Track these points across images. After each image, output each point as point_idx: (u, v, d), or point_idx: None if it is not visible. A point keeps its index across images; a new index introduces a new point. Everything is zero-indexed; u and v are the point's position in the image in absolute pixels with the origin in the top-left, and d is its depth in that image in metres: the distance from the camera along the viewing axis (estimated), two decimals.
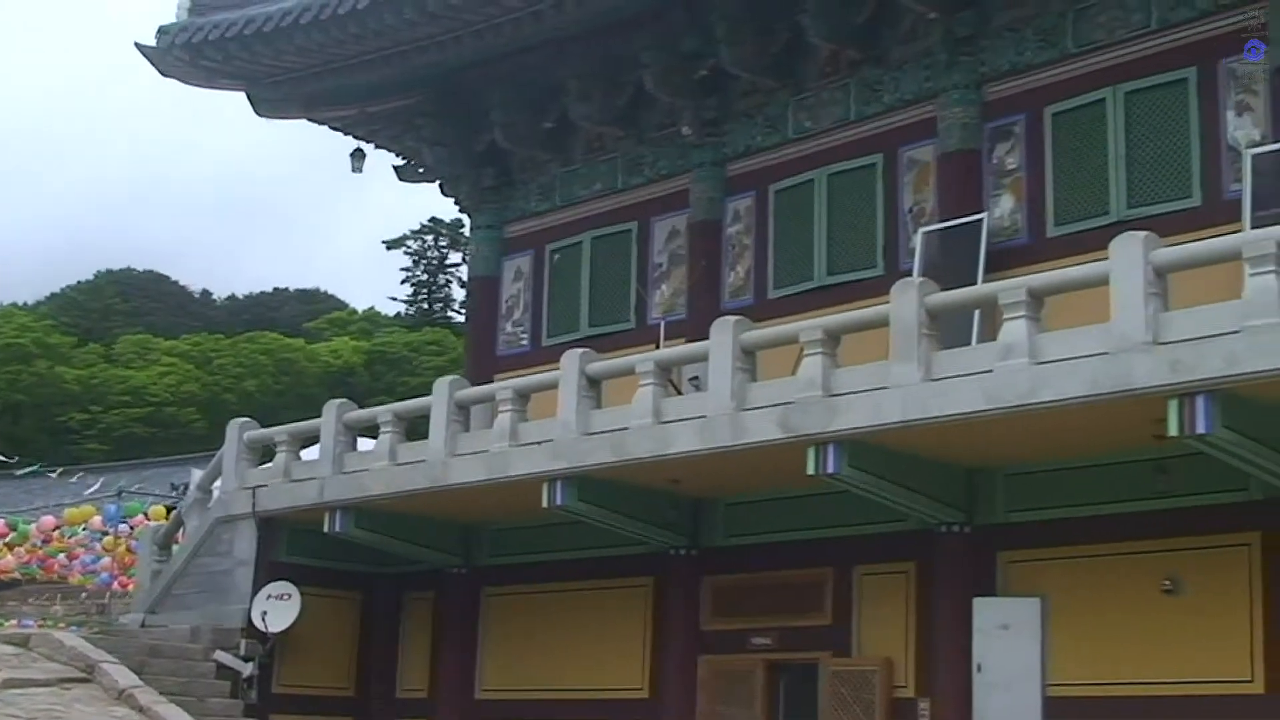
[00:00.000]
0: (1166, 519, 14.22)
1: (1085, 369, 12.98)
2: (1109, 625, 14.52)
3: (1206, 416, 12.33)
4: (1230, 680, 13.65)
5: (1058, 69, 17.04)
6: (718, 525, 17.96)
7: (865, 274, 18.07)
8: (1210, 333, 12.39)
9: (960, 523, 15.59)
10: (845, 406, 14.55)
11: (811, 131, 19.15)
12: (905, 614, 16.09)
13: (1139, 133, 16.21)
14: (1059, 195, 16.76)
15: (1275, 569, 13.55)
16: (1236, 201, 14.99)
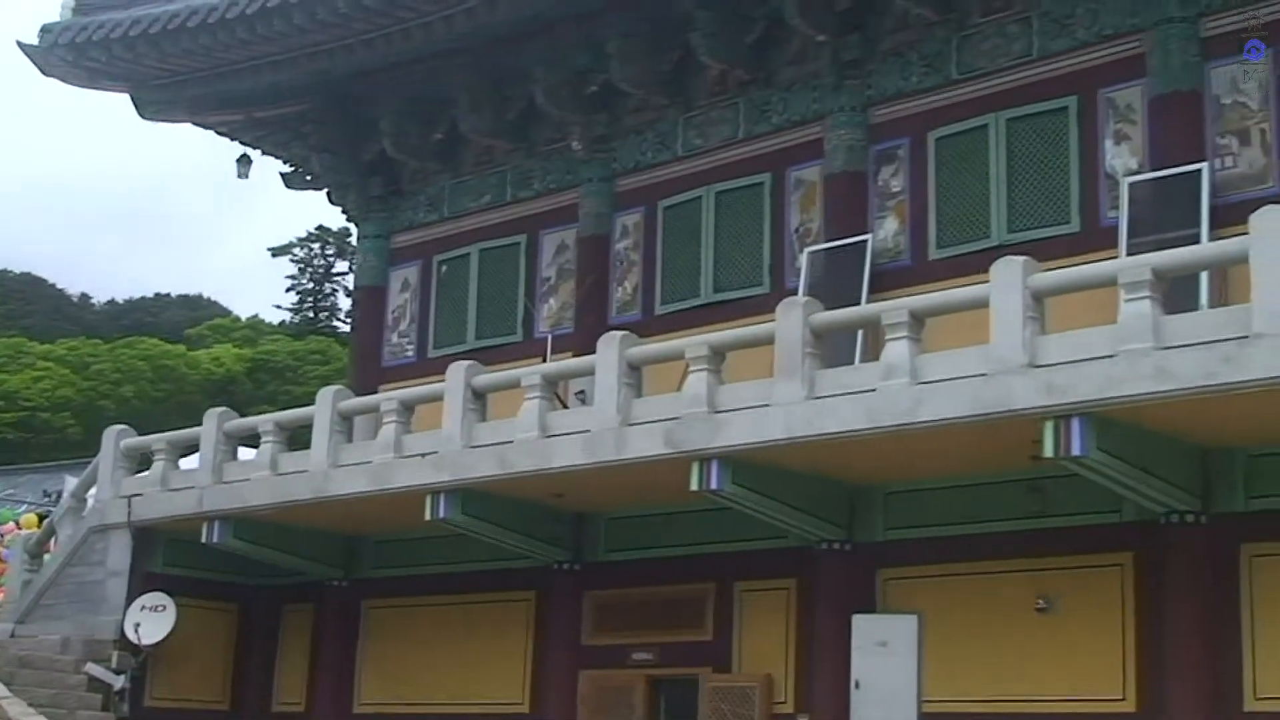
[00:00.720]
0: (1041, 539, 14.48)
1: (965, 390, 13.18)
2: (984, 643, 14.74)
3: (1081, 438, 12.57)
4: (1103, 699, 13.92)
5: (942, 94, 17.32)
6: (600, 540, 18.01)
7: (751, 292, 18.23)
8: (1086, 356, 12.64)
9: (841, 540, 15.76)
10: (729, 423, 14.66)
11: (701, 149, 19.31)
12: (785, 630, 16.23)
13: (1020, 159, 16.52)
14: (942, 218, 17.03)
15: (1147, 589, 13.84)
16: (1113, 228, 15.34)
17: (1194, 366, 11.99)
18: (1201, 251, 13.67)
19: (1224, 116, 15.27)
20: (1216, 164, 15.09)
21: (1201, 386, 11.96)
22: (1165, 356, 12.17)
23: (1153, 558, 13.75)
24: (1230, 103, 15.27)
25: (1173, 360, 12.11)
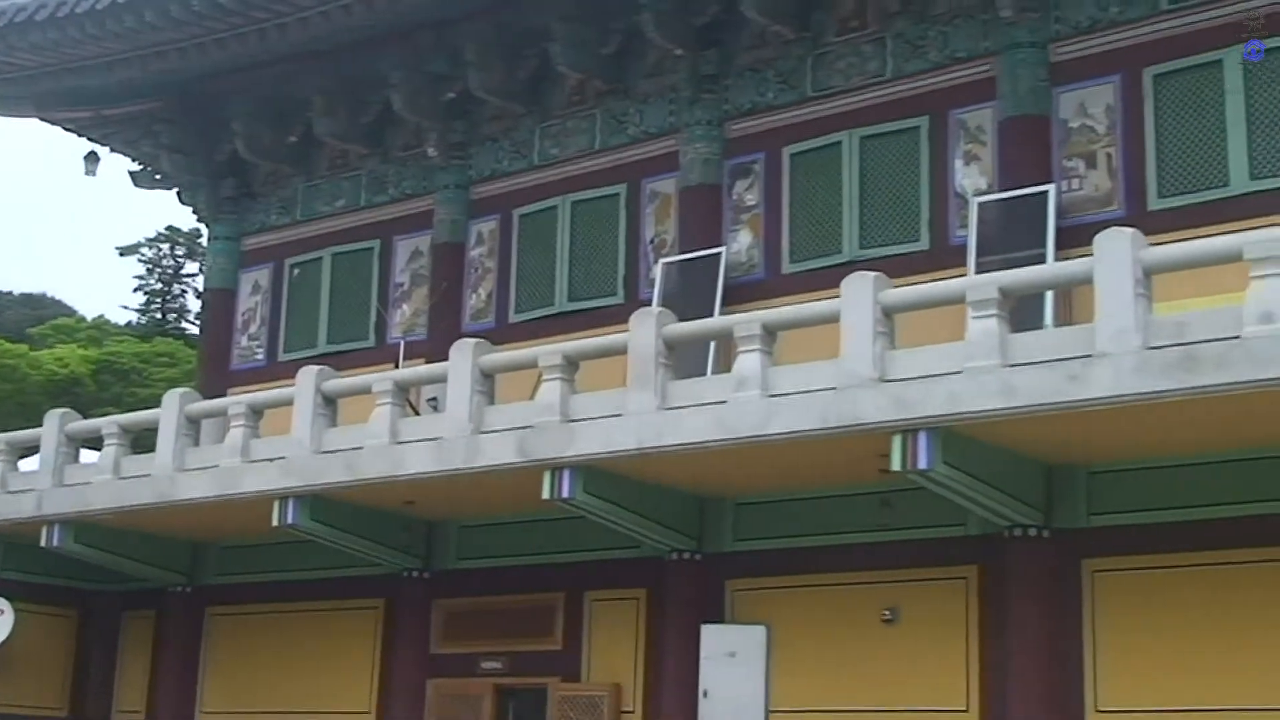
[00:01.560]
0: (889, 551, 14.69)
1: (815, 403, 13.31)
2: (831, 653, 14.92)
3: (928, 453, 12.76)
4: (946, 709, 14.16)
5: (797, 111, 17.52)
6: (451, 548, 17.92)
7: (606, 302, 18.29)
8: (934, 372, 12.82)
9: (691, 550, 15.84)
10: (582, 432, 14.66)
11: (557, 159, 19.32)
12: (635, 640, 16.28)
13: (872, 176, 16.77)
14: (795, 233, 17.22)
15: (990, 602, 14.10)
16: (962, 247, 15.63)
17: (1039, 384, 12.22)
18: (1047, 271, 13.98)
19: (1071, 140, 15.64)
20: (1063, 186, 15.45)
21: (1046, 404, 12.19)
22: (1011, 374, 12.38)
23: (997, 571, 14.02)
24: (1077, 127, 15.65)
25: (1018, 377, 12.33)
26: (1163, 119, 15.14)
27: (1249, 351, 11.27)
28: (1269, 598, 12.70)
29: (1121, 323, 11.94)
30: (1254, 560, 12.81)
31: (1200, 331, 11.63)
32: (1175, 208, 14.71)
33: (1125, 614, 13.37)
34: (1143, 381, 11.70)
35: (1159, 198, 14.92)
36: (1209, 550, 13.01)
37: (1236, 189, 14.42)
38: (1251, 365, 11.24)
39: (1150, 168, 15.05)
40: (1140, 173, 15.09)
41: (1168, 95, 15.17)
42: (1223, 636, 12.83)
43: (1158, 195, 14.95)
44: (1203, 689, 12.83)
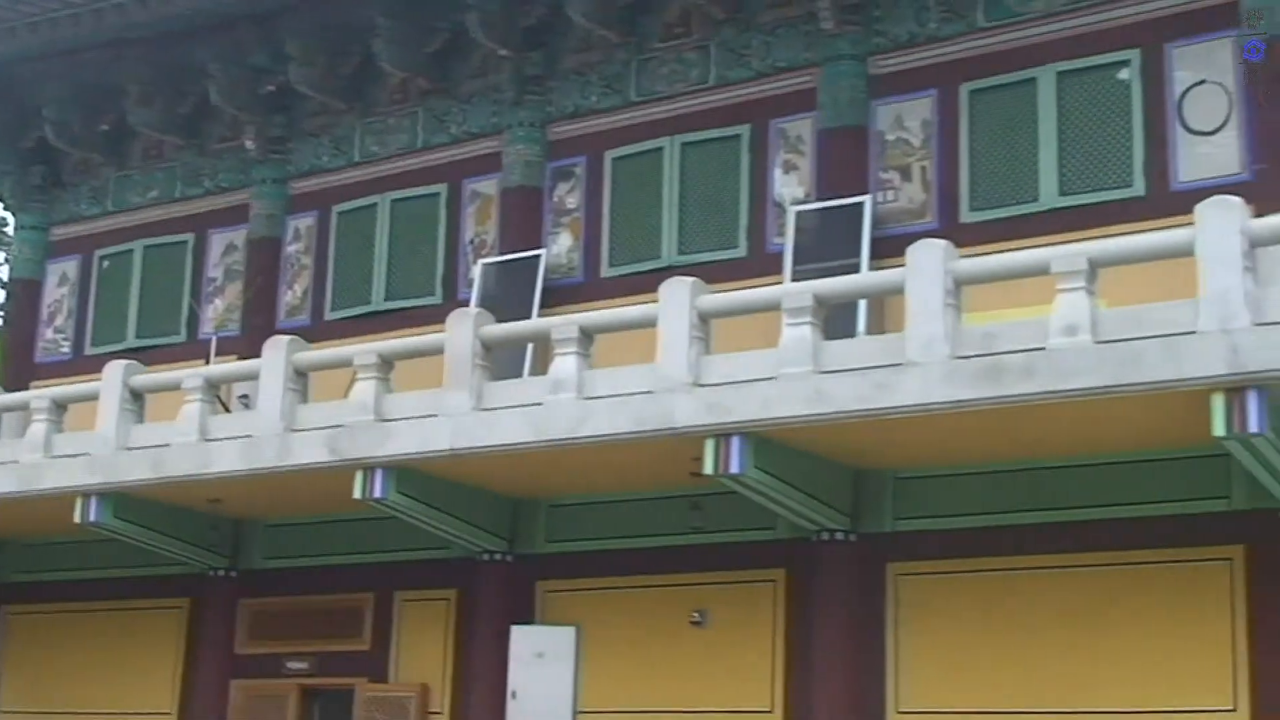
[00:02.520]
0: (699, 554, 14.75)
1: (630, 406, 13.31)
2: (641, 655, 14.94)
3: (740, 457, 12.83)
4: (752, 711, 14.26)
5: (620, 115, 17.52)
6: (258, 547, 17.61)
7: (423, 301, 18.09)
8: (748, 377, 12.91)
9: (503, 551, 15.76)
10: (396, 432, 14.48)
11: (378, 156, 19.07)
12: (445, 641, 16.15)
13: (693, 183, 16.83)
14: (615, 237, 17.21)
15: (797, 605, 14.23)
16: (779, 255, 15.73)
17: (849, 391, 12.37)
18: (861, 281, 14.13)
19: (887, 152, 15.86)
20: (879, 197, 15.64)
21: (856, 410, 12.34)
22: (823, 380, 12.52)
23: (804, 574, 14.15)
24: (894, 139, 15.87)
25: (830, 384, 12.47)
26: (977, 134, 15.41)
27: (1053, 363, 11.52)
28: (1062, 601, 13.01)
29: (931, 332, 12.14)
30: (1050, 566, 13.11)
31: (1007, 342, 11.86)
32: (987, 221, 14.98)
33: (926, 617, 13.60)
34: (950, 390, 11.90)
35: (971, 211, 15.19)
36: (1008, 555, 13.29)
37: (1046, 204, 14.74)
38: (1055, 376, 11.49)
39: (964, 181, 15.31)
40: (954, 186, 15.34)
41: (983, 111, 15.45)
42: (1018, 639, 13.11)
43: (970, 209, 15.21)
44: (999, 690, 13.09)
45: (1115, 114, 14.65)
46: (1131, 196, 14.31)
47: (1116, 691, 12.57)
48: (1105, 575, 12.84)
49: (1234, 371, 10.80)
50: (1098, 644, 12.74)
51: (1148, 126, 14.43)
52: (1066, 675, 12.82)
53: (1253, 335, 10.83)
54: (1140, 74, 14.61)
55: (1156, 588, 12.60)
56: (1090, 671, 12.73)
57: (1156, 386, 11.12)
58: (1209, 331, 10.99)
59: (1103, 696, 12.63)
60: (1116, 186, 14.44)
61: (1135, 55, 14.70)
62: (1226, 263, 11.13)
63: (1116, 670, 12.62)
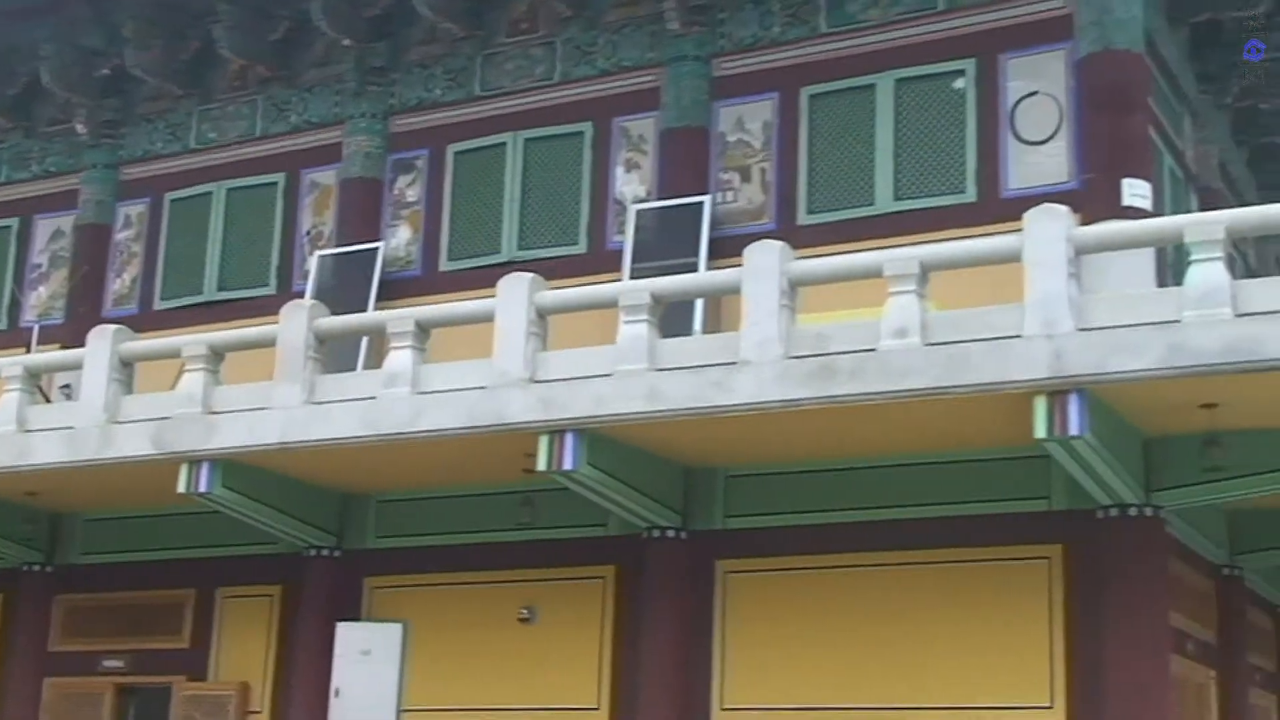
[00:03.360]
0: (530, 550, 14.62)
1: (464, 401, 13.15)
2: (469, 652, 14.76)
3: (573, 453, 12.73)
4: (578, 708, 14.15)
5: (464, 109, 17.36)
6: (76, 542, 17.16)
7: (257, 292, 17.75)
8: (583, 374, 12.82)
9: (330, 547, 15.50)
10: (223, 425, 14.16)
11: (215, 143, 18.70)
12: (268, 638, 15.84)
13: (535, 179, 16.72)
14: (455, 231, 17.04)
15: (626, 602, 14.17)
16: (618, 252, 15.70)
17: (684, 389, 12.34)
18: (698, 280, 14.13)
19: (728, 153, 15.89)
20: (718, 198, 15.67)
21: (690, 408, 12.32)
22: (658, 378, 12.47)
23: (634, 571, 14.09)
24: (735, 141, 15.91)
25: (665, 382, 12.43)
26: (816, 138, 15.51)
27: (883, 364, 11.59)
28: (888, 599, 13.10)
29: (765, 332, 12.16)
30: (876, 563, 13.21)
31: (839, 343, 11.92)
32: (823, 223, 15.07)
33: (754, 614, 13.62)
34: (783, 389, 11.93)
35: (808, 213, 15.27)
36: (836, 553, 13.36)
37: (881, 208, 14.87)
38: (885, 377, 11.57)
39: (802, 184, 15.39)
40: (792, 188, 15.42)
41: (822, 115, 15.55)
42: (845, 636, 13.18)
43: (807, 211, 15.29)
44: (824, 687, 13.14)
45: (950, 122, 14.84)
46: (964, 202, 14.50)
47: (939, 688, 12.68)
48: (930, 573, 12.97)
49: (1056, 375, 10.96)
50: (922, 641, 12.85)
51: (981, 135, 14.64)
52: (891, 671, 12.91)
53: (1075, 340, 10.99)
54: (975, 83, 14.81)
55: (979, 586, 12.74)
56: (914, 668, 12.83)
57: (982, 388, 11.24)
58: (1033, 335, 11.13)
59: (926, 693, 12.73)
60: (949, 192, 14.63)
61: (971, 65, 14.90)
62: (1052, 269, 11.29)
63: (939, 667, 12.74)
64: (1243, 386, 10.79)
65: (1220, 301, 10.66)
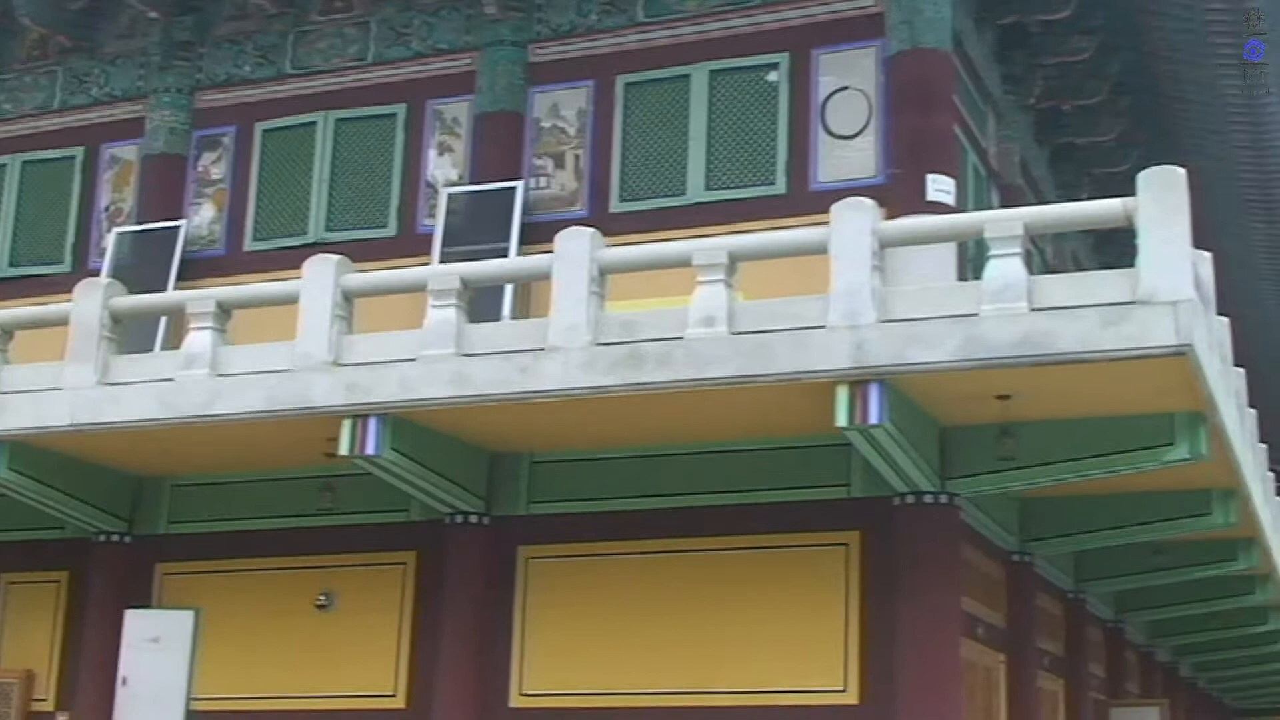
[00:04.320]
0: (330, 536, 14.37)
1: (266, 384, 12.85)
2: (265, 640, 14.48)
3: (376, 438, 12.52)
4: (375, 695, 13.92)
5: (273, 87, 17.08)
6: None
7: (51, 269, 17.28)
8: (389, 358, 12.61)
9: (121, 532, 15.07)
10: (10, 406, 13.63)
11: (10, 115, 18.17)
12: (53, 625, 15.39)
13: (345, 159, 16.50)
14: (261, 211, 16.75)
15: (427, 588, 14.00)
16: (429, 236, 15.54)
17: (491, 375, 12.21)
18: (508, 265, 14.05)
19: (542, 139, 15.83)
20: (531, 184, 15.61)
21: (497, 394, 12.19)
22: (465, 363, 12.32)
23: (435, 557, 13.92)
24: (549, 127, 15.85)
25: (472, 367, 12.29)
26: (630, 127, 15.53)
27: (690, 352, 11.59)
28: (689, 585, 13.12)
29: (574, 319, 12.09)
30: (678, 550, 13.22)
31: (647, 331, 11.89)
32: (635, 212, 15.10)
33: (556, 601, 13.55)
34: (590, 376, 11.86)
35: (621, 201, 15.29)
36: (639, 540, 13.35)
37: (693, 198, 14.94)
38: (691, 365, 11.57)
39: (615, 172, 15.41)
40: (605, 176, 15.42)
41: (637, 104, 15.58)
42: (645, 623, 13.17)
43: (620, 199, 15.31)
44: (624, 673, 13.12)
45: (762, 114, 14.96)
46: (773, 194, 14.63)
47: (737, 674, 12.74)
48: (731, 560, 13.02)
49: (858, 365, 11.06)
50: (722, 627, 12.90)
51: (792, 128, 14.79)
52: (690, 658, 12.93)
53: (877, 331, 11.11)
54: (788, 77, 14.94)
55: (778, 572, 12.83)
56: (713, 654, 12.87)
57: (785, 378, 11.30)
58: (837, 326, 11.22)
59: (724, 679, 12.78)
60: (760, 184, 14.75)
61: (784, 59, 15.03)
62: (857, 261, 11.39)
63: (738, 653, 12.79)
64: (1036, 379, 11.00)
65: (1017, 296, 10.84)
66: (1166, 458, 11.90)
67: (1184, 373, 10.75)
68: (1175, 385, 11.06)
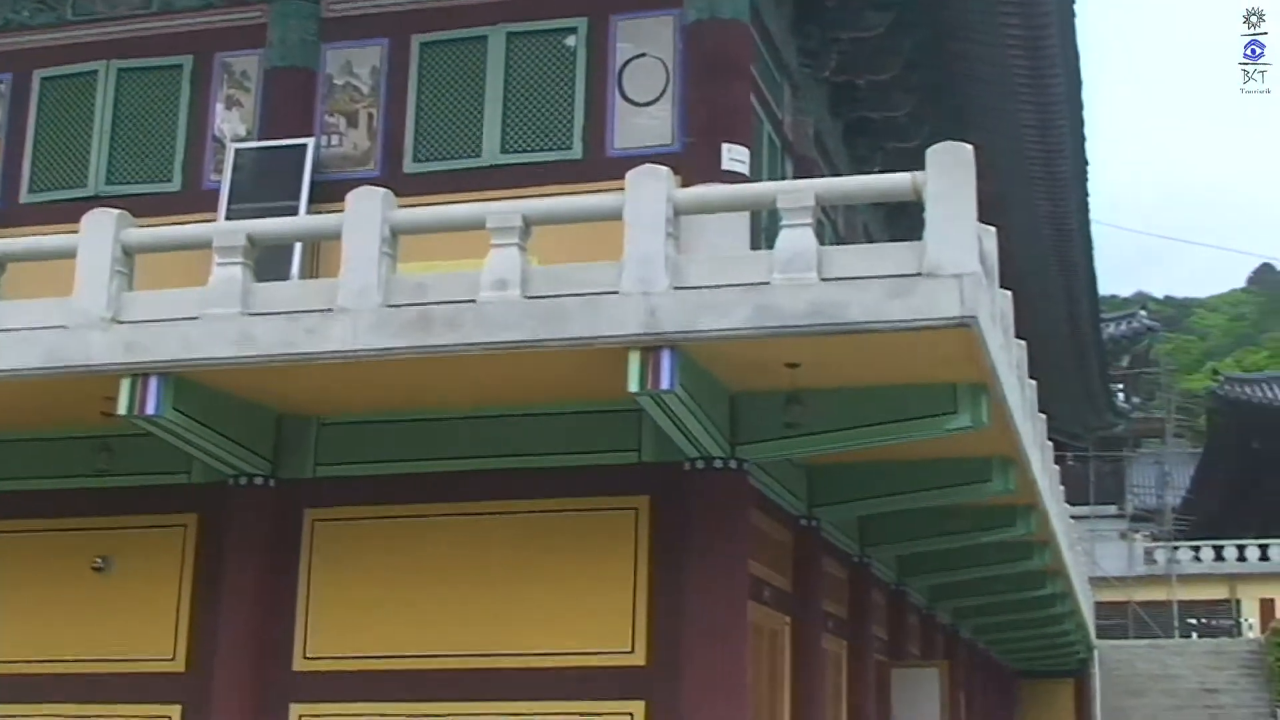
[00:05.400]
0: (105, 498, 13.94)
1: (41, 341, 12.35)
2: (38, 603, 14.00)
3: (157, 398, 12.14)
4: (152, 659, 13.58)
5: (53, 34, 16.54)
6: None
7: None
8: (171, 316, 12.25)
9: None
10: None
11: None
12: None
13: (128, 111, 16.06)
14: (38, 162, 16.25)
15: (209, 551, 13.68)
16: (215, 192, 15.18)
17: (278, 335, 11.93)
18: (296, 224, 13.81)
19: (335, 97, 15.56)
20: (323, 141, 15.32)
21: (283, 355, 11.92)
22: (251, 323, 12.01)
23: (217, 520, 13.60)
24: (342, 84, 15.59)
25: (258, 327, 11.99)
26: (425, 87, 15.35)
27: (481, 315, 11.47)
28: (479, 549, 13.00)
29: (364, 280, 11.88)
30: (468, 513, 13.10)
31: (438, 294, 11.74)
32: (429, 173, 14.93)
33: (343, 564, 13.33)
34: (378, 338, 11.68)
35: (414, 162, 15.11)
36: (428, 503, 13.20)
37: (488, 161, 14.83)
38: (483, 328, 11.45)
39: (409, 132, 15.22)
40: (400, 136, 15.22)
41: (432, 64, 15.40)
42: (433, 586, 13.02)
43: (414, 159, 15.13)
44: (411, 637, 12.95)
45: (560, 78, 14.91)
46: (569, 159, 14.59)
47: (527, 637, 12.67)
48: (522, 524, 12.95)
49: (650, 331, 11.05)
50: (511, 591, 12.82)
51: (589, 93, 14.75)
52: (479, 621, 12.84)
53: (670, 298, 11.12)
54: (586, 42, 14.88)
55: (569, 536, 12.80)
56: (503, 617, 12.79)
57: (577, 342, 11.26)
58: (630, 292, 11.20)
59: (512, 641, 12.69)
60: (556, 148, 14.69)
61: (583, 24, 14.96)
62: (651, 228, 11.38)
63: (528, 616, 12.73)
64: (824, 348, 11.13)
65: (806, 266, 10.94)
66: (949, 426, 12.15)
67: (967, 344, 10.98)
68: (959, 356, 11.29)
